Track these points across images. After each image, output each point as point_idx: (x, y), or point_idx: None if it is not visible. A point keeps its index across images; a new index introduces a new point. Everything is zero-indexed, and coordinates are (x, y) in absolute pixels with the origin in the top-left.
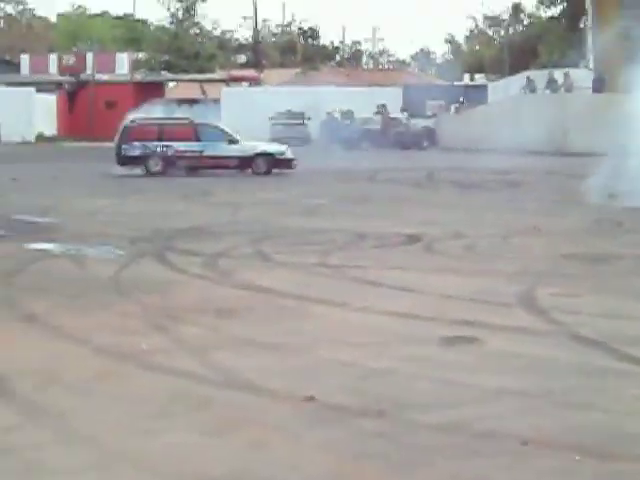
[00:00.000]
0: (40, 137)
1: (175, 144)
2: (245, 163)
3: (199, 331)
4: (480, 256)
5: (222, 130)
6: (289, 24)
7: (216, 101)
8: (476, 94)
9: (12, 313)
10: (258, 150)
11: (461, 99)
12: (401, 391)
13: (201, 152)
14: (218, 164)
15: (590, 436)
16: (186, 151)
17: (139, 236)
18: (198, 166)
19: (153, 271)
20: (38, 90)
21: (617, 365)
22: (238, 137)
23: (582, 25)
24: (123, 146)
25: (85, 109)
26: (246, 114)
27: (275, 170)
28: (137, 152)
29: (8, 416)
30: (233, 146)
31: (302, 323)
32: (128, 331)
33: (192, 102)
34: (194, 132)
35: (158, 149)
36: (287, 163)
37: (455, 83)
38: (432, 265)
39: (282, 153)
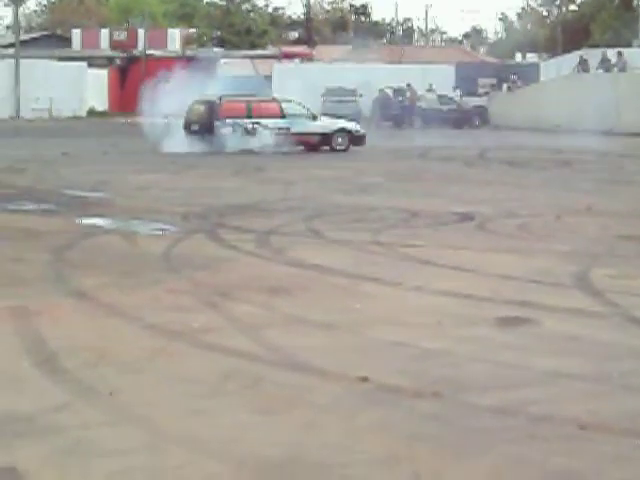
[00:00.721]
0: (91, 112)
1: (264, 121)
2: (326, 140)
3: (251, 309)
4: (534, 235)
5: (304, 107)
6: (341, 1)
7: (267, 77)
8: (528, 73)
9: (63, 289)
10: (338, 127)
11: (513, 78)
12: (456, 372)
13: (288, 129)
14: (303, 140)
15: None
16: (274, 128)
17: (190, 212)
18: (285, 143)
19: (205, 248)
20: (89, 65)
21: None
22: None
23: (636, 3)
24: (215, 123)
25: (136, 85)
26: (297, 91)
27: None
28: (229, 129)
29: (58, 394)
30: (315, 122)
31: (355, 302)
32: (180, 308)
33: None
34: (280, 109)
35: (249, 126)
36: (362, 139)
37: (507, 62)
38: (485, 244)
39: (358, 130)
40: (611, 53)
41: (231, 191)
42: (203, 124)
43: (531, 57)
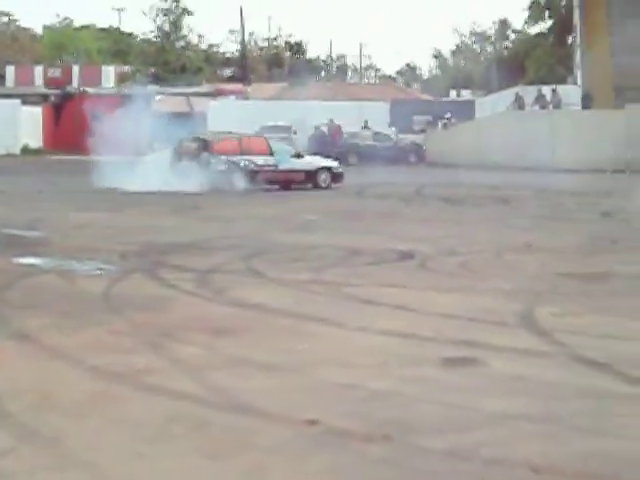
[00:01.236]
0: (25, 150)
1: (254, 158)
2: (310, 177)
3: (194, 350)
4: (475, 273)
5: (287, 145)
6: (276, 38)
7: (202, 114)
8: (463, 110)
9: (3, 331)
10: (321, 165)
11: (448, 115)
12: (405, 414)
13: (276, 166)
14: (289, 178)
15: (602, 464)
16: (264, 165)
17: (129, 251)
18: (274, 180)
19: (144, 287)
20: (23, 102)
21: (624, 388)
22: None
23: (570, 41)
24: (210, 159)
25: (71, 122)
26: (233, 127)
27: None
28: (223, 166)
29: (3, 439)
30: (300, 160)
31: (299, 342)
32: (122, 350)
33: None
34: (268, 146)
35: (242, 163)
36: (341, 177)
37: (442, 99)
38: (427, 283)
39: (337, 167)
40: (546, 90)
41: (170, 229)
42: (196, 160)
43: (466, 94)
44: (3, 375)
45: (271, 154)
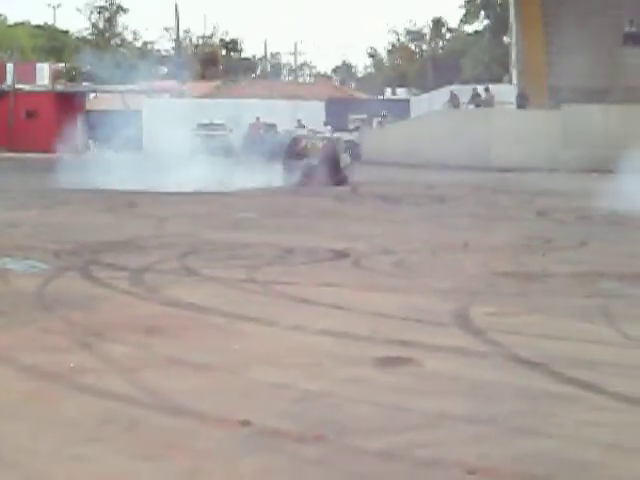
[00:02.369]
0: None
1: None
2: None
3: (126, 349)
4: (410, 272)
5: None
6: (211, 36)
7: (137, 112)
8: (399, 108)
9: None
10: None
11: (384, 113)
12: (339, 415)
13: None
14: None
15: (538, 464)
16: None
17: (63, 249)
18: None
19: (78, 286)
20: None
21: (559, 388)
22: None
23: (506, 40)
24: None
25: (5, 119)
26: (168, 125)
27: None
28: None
29: None
30: None
31: (232, 342)
32: (54, 349)
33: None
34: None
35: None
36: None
37: (377, 97)
38: (362, 282)
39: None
40: (481, 88)
41: (103, 227)
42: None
43: (401, 92)
44: None
45: None
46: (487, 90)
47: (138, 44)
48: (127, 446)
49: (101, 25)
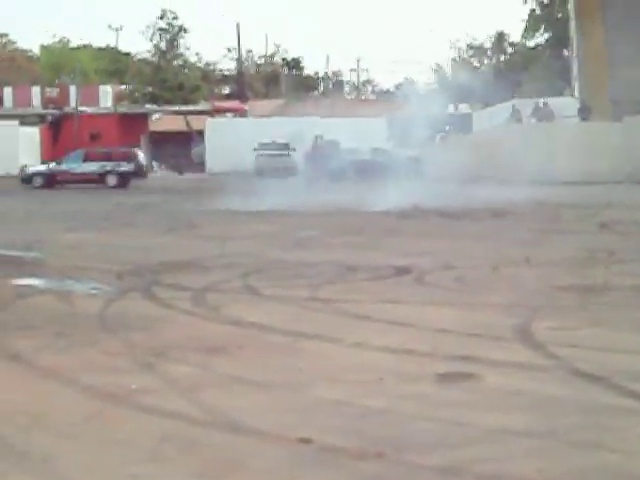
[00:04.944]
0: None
1: None
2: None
3: (188, 369)
4: (472, 288)
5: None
6: (273, 55)
7: (200, 132)
8: (461, 123)
9: None
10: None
11: (446, 128)
12: (399, 431)
13: None
14: None
15: (599, 478)
16: None
17: (125, 270)
18: None
19: (140, 307)
20: (21, 123)
21: (620, 402)
22: None
23: (567, 53)
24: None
25: (69, 141)
26: (230, 145)
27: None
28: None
29: None
30: None
31: (294, 360)
32: (116, 370)
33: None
34: None
35: None
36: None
37: (440, 112)
38: (424, 298)
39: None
40: (542, 102)
41: (166, 248)
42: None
43: (463, 107)
44: None
45: None
46: (546, 104)
47: (200, 65)
48: (186, 465)
49: (163, 46)
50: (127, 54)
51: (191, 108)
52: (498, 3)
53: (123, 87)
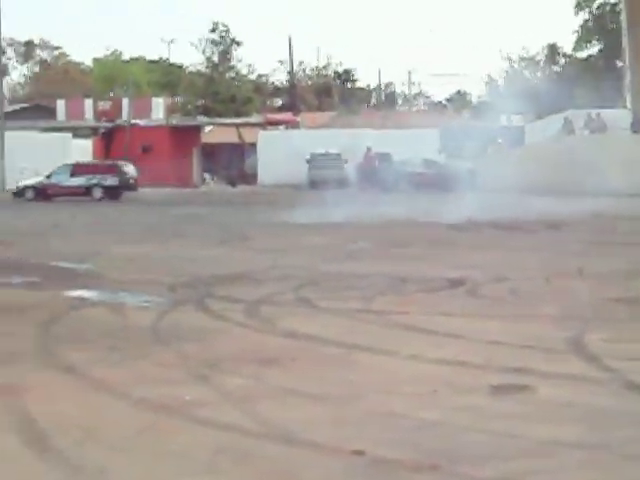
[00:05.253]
0: None
1: None
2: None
3: (242, 381)
4: (525, 300)
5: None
6: (325, 67)
7: (253, 145)
8: (513, 135)
9: (51, 365)
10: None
11: (499, 140)
12: (454, 443)
13: None
14: None
15: None
16: None
17: (178, 283)
18: None
19: (193, 319)
20: (74, 135)
21: None
22: None
23: (620, 64)
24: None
25: (121, 154)
26: (283, 157)
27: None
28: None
29: (48, 474)
30: None
31: (348, 372)
32: (169, 382)
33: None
34: None
35: None
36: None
37: (492, 124)
38: (477, 310)
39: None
40: (595, 114)
41: (218, 260)
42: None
43: (516, 119)
44: (48, 410)
45: None
46: (598, 116)
47: (252, 77)
48: (241, 477)
49: (215, 59)
50: (179, 66)
51: (243, 120)
52: (550, 14)
53: (175, 99)
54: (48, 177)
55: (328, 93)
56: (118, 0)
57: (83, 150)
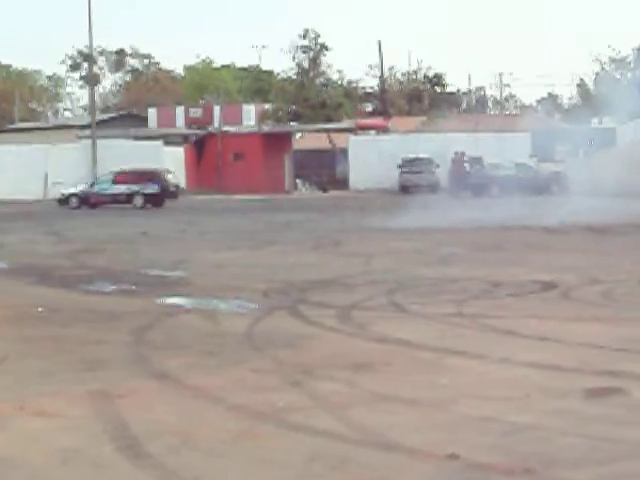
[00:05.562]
0: None
1: None
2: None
3: (336, 387)
4: (619, 303)
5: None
6: (415, 71)
7: (343, 150)
8: (605, 137)
9: (145, 371)
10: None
11: (590, 143)
12: (547, 447)
13: None
14: None
15: None
16: None
17: (271, 289)
18: None
19: (287, 325)
20: (165, 143)
21: None
22: None
23: None
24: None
25: (213, 161)
26: (374, 162)
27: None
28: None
29: None
30: None
31: (440, 376)
32: (264, 388)
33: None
34: None
35: None
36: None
37: (583, 127)
38: (570, 313)
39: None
40: None
41: (310, 266)
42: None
43: (608, 121)
44: (143, 416)
45: None
46: None
47: (343, 82)
48: None
49: (305, 65)
50: (270, 73)
51: (334, 126)
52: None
53: (266, 106)
54: (91, 185)
55: (419, 98)
56: (208, 8)
57: (175, 158)
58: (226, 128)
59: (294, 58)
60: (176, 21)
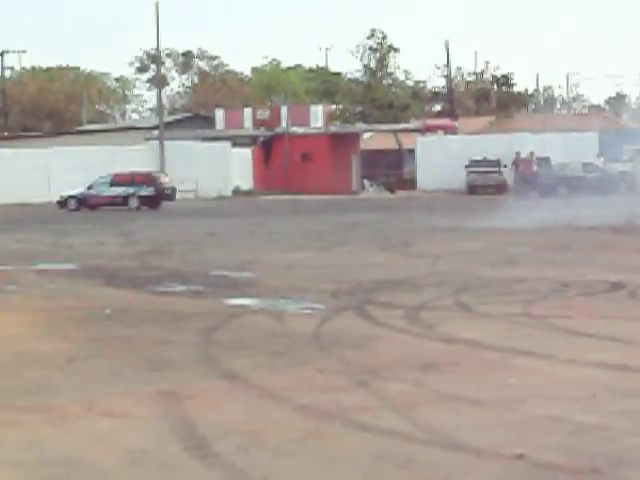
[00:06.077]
0: (237, 191)
1: None
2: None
3: (402, 387)
4: None
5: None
6: (482, 72)
7: (411, 150)
8: None
9: (213, 371)
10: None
11: None
12: (615, 448)
13: None
14: None
15: None
16: None
17: (338, 289)
18: None
19: (354, 325)
20: (233, 144)
21: None
22: None
23: None
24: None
25: (280, 162)
26: (441, 162)
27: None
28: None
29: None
30: None
31: (507, 376)
32: (331, 388)
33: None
34: None
35: None
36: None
37: None
38: (638, 313)
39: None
40: None
41: (378, 266)
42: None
43: None
44: (211, 416)
45: None
46: None
47: (410, 83)
48: None
49: (373, 65)
50: (337, 74)
51: (402, 126)
52: None
53: (333, 107)
54: (89, 188)
55: (486, 98)
56: (276, 9)
57: (243, 159)
58: (293, 129)
59: (361, 59)
60: (243, 23)
